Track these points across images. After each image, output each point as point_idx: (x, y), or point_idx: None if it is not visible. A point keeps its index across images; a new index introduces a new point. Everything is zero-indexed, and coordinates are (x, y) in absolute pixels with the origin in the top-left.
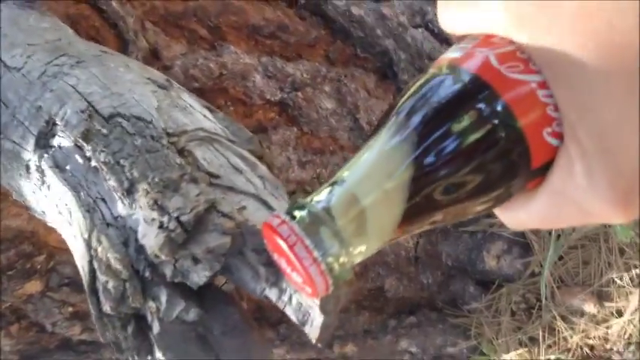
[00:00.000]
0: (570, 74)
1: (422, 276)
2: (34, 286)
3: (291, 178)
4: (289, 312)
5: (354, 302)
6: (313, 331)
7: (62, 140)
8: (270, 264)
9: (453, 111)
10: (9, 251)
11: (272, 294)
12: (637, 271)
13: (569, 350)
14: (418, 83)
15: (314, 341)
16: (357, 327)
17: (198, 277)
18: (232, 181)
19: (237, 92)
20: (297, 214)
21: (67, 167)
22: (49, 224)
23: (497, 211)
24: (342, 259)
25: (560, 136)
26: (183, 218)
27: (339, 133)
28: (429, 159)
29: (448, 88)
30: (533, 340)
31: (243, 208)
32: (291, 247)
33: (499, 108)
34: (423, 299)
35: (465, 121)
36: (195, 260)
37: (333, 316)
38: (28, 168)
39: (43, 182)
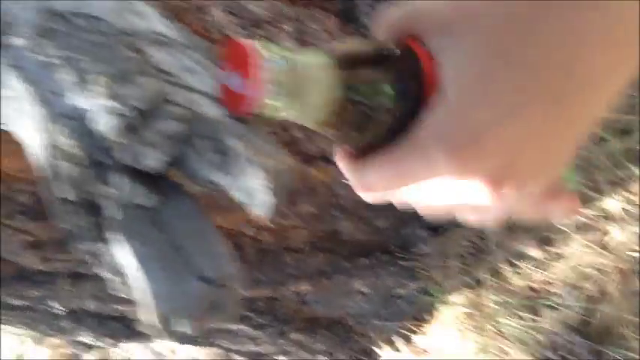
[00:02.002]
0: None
1: (376, 220)
2: None
3: None
4: (236, 195)
5: (308, 243)
6: (258, 209)
7: (19, 39)
8: (220, 151)
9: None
10: None
11: (220, 179)
12: (579, 217)
13: (512, 292)
14: None
15: (258, 218)
16: (311, 267)
17: (154, 161)
18: (185, 79)
19: (195, 25)
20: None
21: (24, 65)
22: (3, 127)
23: (350, 175)
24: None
25: None
26: (138, 105)
27: None
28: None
29: None
30: (479, 283)
31: (195, 102)
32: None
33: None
34: (377, 242)
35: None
36: (150, 145)
37: (276, 198)
38: None
39: None
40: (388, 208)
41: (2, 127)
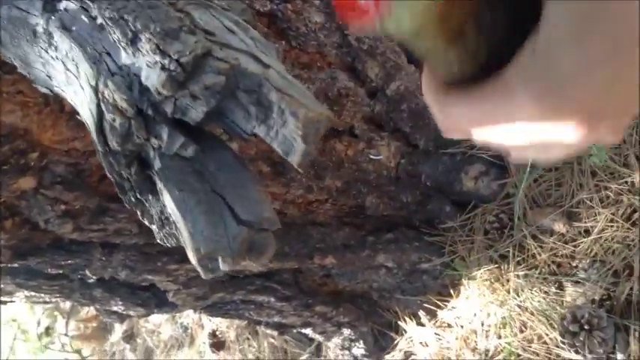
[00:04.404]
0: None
1: (401, 195)
2: (27, 182)
3: None
4: (275, 145)
5: (334, 217)
6: (295, 158)
7: (68, 3)
8: (261, 103)
9: None
10: (3, 146)
11: (261, 131)
12: (606, 192)
13: (537, 267)
14: None
15: (295, 166)
16: (337, 241)
17: (197, 112)
18: (226, 39)
19: None
20: None
21: (74, 28)
22: (54, 89)
23: (434, 108)
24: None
25: None
26: (183, 60)
27: (327, 49)
28: None
29: None
30: (504, 258)
31: (236, 59)
32: None
33: None
34: (402, 217)
35: None
36: (194, 97)
37: (312, 146)
38: (35, 32)
39: (50, 44)
40: (413, 185)
41: (55, 89)
